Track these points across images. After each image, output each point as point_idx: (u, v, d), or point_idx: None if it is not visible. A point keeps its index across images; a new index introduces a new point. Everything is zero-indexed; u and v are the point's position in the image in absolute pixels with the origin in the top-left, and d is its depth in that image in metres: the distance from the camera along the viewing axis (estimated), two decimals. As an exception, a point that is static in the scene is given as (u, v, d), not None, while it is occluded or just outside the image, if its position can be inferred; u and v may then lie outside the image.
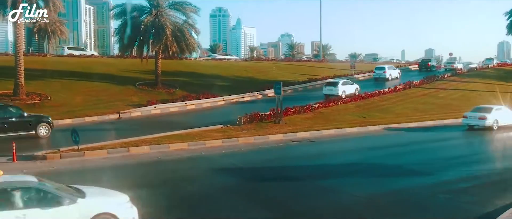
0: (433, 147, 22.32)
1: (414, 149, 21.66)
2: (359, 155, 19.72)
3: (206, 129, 24.10)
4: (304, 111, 29.46)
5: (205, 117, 30.61)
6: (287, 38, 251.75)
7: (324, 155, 19.88)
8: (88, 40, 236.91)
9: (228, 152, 19.67)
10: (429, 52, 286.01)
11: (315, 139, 23.01)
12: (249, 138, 22.30)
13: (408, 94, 39.14)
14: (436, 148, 22.22)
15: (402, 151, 21.01)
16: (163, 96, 35.64)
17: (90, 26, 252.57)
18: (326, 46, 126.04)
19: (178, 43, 37.93)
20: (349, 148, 21.71)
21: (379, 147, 21.67)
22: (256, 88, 40.58)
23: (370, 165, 17.41)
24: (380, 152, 20.30)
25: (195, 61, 57.89)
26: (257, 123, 25.75)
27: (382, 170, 16.69)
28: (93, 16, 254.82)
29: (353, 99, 34.35)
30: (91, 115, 29.05)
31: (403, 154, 20.33)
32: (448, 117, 31.00)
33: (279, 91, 26.04)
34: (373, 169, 16.87)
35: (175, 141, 20.70)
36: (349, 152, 20.55)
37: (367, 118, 28.98)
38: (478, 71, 59.49)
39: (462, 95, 41.02)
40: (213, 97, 36.29)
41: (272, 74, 51.51)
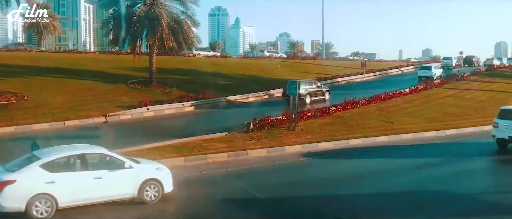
0: (496, 164, 18.01)
1: (476, 168, 17.15)
2: (408, 176, 15.47)
3: (207, 138, 19.89)
4: (321, 114, 25.29)
5: (205, 121, 26.54)
6: (286, 37, 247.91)
7: (363, 176, 15.34)
8: (87, 38, 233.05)
9: (236, 170, 15.44)
10: (427, 52, 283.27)
11: (341, 151, 18.81)
12: (261, 150, 18.09)
13: (431, 96, 35.03)
14: (503, 165, 17.96)
15: (462, 171, 16.45)
16: (157, 97, 31.44)
17: (90, 25, 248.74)
18: (328, 44, 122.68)
19: (175, 36, 33.67)
20: (389, 165, 17.18)
21: (428, 164, 17.16)
22: (260, 87, 36.45)
23: (430, 193, 12.98)
24: (433, 172, 15.90)
25: (195, 58, 53.60)
26: (268, 130, 21.56)
27: (452, 204, 12.16)
28: (92, 14, 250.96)
29: (374, 101, 30.18)
30: (73, 118, 24.85)
31: (466, 175, 15.79)
32: (487, 122, 26.74)
33: (295, 92, 21.77)
34: (438, 201, 12.35)
35: (169, 154, 16.51)
36: (393, 172, 16.04)
37: (394, 124, 24.79)
38: (496, 70, 55.67)
39: (490, 96, 36.95)
40: (214, 97, 32.10)
41: (277, 72, 47.39)
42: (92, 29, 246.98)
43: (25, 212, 10.08)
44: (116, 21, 33.86)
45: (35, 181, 10.33)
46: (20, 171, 10.43)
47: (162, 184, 11.62)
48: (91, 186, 10.81)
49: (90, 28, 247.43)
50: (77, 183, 10.74)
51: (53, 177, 10.48)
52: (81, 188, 10.73)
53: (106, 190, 10.98)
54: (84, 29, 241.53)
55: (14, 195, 10.05)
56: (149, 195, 11.42)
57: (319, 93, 33.17)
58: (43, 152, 11.45)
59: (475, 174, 15.87)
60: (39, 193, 10.19)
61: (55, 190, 10.35)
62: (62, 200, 10.40)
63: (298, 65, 57.16)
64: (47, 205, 10.25)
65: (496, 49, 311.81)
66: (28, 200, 10.08)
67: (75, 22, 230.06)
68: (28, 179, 10.33)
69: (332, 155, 18.36)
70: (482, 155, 19.18)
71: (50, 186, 10.34)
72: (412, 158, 18.43)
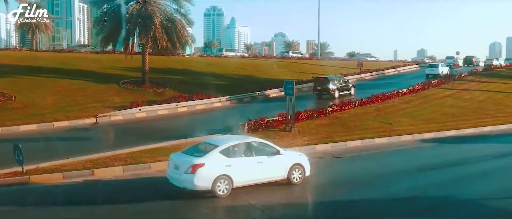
0: (502, 166, 17.33)
1: (480, 170, 16.32)
2: (411, 180, 14.76)
3: (201, 139, 19.15)
4: (318, 115, 24.64)
5: (199, 122, 25.79)
6: (281, 38, 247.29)
7: (364, 180, 14.60)
8: (81, 38, 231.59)
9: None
10: (421, 52, 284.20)
11: (340, 154, 18.11)
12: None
13: (429, 96, 34.44)
14: (507, 167, 17.33)
15: (466, 174, 15.68)
16: (150, 97, 30.69)
17: (84, 24, 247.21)
18: (324, 44, 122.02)
19: (168, 35, 32.91)
20: (391, 168, 16.48)
21: (430, 167, 16.38)
22: (255, 87, 35.75)
23: (436, 199, 12.30)
24: (436, 176, 15.15)
25: (189, 58, 52.88)
26: (264, 131, 20.86)
27: (460, 210, 11.53)
28: (87, 14, 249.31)
29: (371, 102, 29.59)
30: (62, 119, 24.10)
31: (471, 178, 15.01)
32: (486, 123, 26.34)
33: (291, 92, 21.03)
34: (446, 208, 11.67)
35: (160, 157, 15.76)
36: (395, 175, 15.32)
37: (393, 125, 24.18)
38: (493, 70, 55.17)
39: (488, 97, 36.44)
40: (208, 98, 31.39)
41: (273, 72, 46.72)
42: (86, 29, 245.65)
43: (210, 190, 11.91)
44: (107, 19, 33.05)
45: (217, 164, 12.16)
46: (205, 156, 12.25)
47: (304, 168, 13.65)
48: (256, 169, 12.76)
49: (85, 27, 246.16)
50: (246, 166, 12.64)
51: (230, 161, 12.36)
52: (249, 171, 12.64)
53: (266, 172, 13.00)
54: (78, 29, 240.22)
55: (203, 176, 11.82)
56: (295, 177, 13.41)
57: (346, 88, 35.16)
58: (216, 140, 13.60)
59: (478, 180, 15.16)
60: (221, 174, 12.04)
61: (232, 172, 12.20)
62: (236, 180, 12.29)
63: (294, 65, 56.50)
64: (226, 184, 12.10)
65: (490, 49, 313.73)
66: (213, 180, 11.90)
67: (69, 21, 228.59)
68: (213, 163, 12.13)
69: (330, 157, 17.63)
70: (487, 158, 18.56)
71: (228, 168, 12.19)
72: (413, 161, 17.82)
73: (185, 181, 11.91)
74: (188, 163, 11.96)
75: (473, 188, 13.61)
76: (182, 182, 12.01)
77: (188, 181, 11.82)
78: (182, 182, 12.00)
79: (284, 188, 13.22)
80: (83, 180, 13.40)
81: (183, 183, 12.00)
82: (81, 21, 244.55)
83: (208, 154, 12.30)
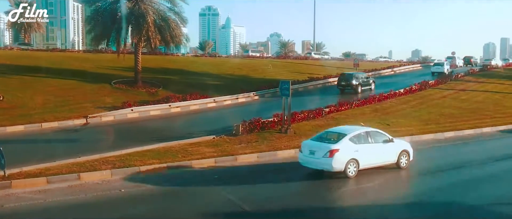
0: (507, 168, 16.82)
1: (489, 173, 15.78)
2: (417, 185, 14.31)
3: (193, 141, 18.59)
4: (314, 116, 24.08)
5: (192, 123, 25.19)
6: (276, 38, 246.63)
7: (365, 185, 13.95)
8: (76, 38, 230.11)
9: (224, 178, 14.11)
10: (416, 52, 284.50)
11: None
12: (251, 155, 16.75)
13: (426, 96, 34.00)
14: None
15: (474, 177, 15.09)
16: (143, 97, 30.03)
17: (78, 24, 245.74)
18: (319, 44, 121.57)
19: (162, 34, 32.33)
20: None
21: (434, 170, 15.94)
22: (251, 88, 35.13)
23: (449, 206, 11.70)
24: (442, 180, 14.73)
25: (183, 57, 52.20)
26: (259, 133, 20.29)
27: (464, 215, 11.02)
28: (81, 13, 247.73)
29: (368, 102, 29.09)
30: (51, 119, 23.37)
31: (481, 182, 14.42)
32: (484, 124, 25.83)
33: (287, 92, 20.38)
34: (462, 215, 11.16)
35: (150, 160, 15.13)
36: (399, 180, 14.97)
37: (391, 126, 23.62)
38: (489, 71, 54.93)
39: (486, 97, 36.07)
40: (202, 98, 30.72)
41: (268, 72, 46.16)
42: (81, 28, 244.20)
43: (343, 172, 13.88)
44: (99, 17, 32.32)
45: (348, 150, 14.03)
46: (339, 143, 14.11)
47: (410, 154, 15.55)
48: (375, 154, 14.73)
49: (79, 27, 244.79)
50: (368, 151, 14.51)
51: (357, 147, 14.25)
52: (371, 155, 14.56)
53: (382, 157, 15.02)
54: (73, 28, 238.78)
55: (339, 159, 13.75)
56: (402, 162, 15.37)
57: (367, 84, 37.80)
58: (343, 129, 15.46)
59: (487, 183, 14.60)
60: (351, 158, 13.97)
61: (358, 156, 14.10)
62: (361, 164, 14.19)
63: (290, 65, 56.01)
64: (354, 167, 14.06)
65: (485, 50, 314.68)
66: (345, 163, 13.86)
67: (64, 21, 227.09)
68: (345, 149, 13.99)
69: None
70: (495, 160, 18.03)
71: (356, 153, 14.09)
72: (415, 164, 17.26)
73: (323, 164, 13.91)
74: (325, 149, 13.91)
75: (482, 193, 13.04)
76: (320, 164, 14.04)
77: (327, 163, 13.79)
78: (320, 164, 14.03)
79: (393, 171, 15.33)
80: (67, 185, 12.69)
81: (321, 165, 14.04)
82: (75, 20, 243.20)
83: (340, 141, 14.18)
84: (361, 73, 39.75)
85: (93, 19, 33.13)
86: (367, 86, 37.22)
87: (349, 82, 36.38)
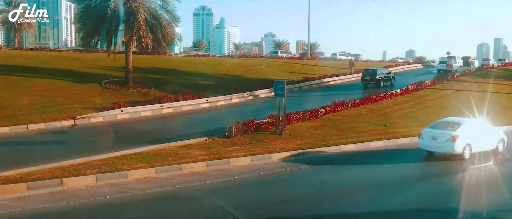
0: None
1: None
2: (417, 189, 13.50)
3: (184, 144, 17.82)
4: (310, 117, 23.41)
5: (185, 124, 24.39)
6: (270, 38, 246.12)
7: (363, 189, 13.16)
8: (68, 37, 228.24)
9: (216, 183, 13.32)
10: (410, 53, 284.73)
11: (334, 159, 16.81)
12: (244, 158, 16.01)
13: (423, 97, 33.44)
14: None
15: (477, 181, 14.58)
16: (134, 97, 29.21)
17: (71, 23, 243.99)
18: (314, 44, 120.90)
19: (153, 33, 31.47)
20: (391, 175, 15.16)
21: (437, 173, 15.43)
22: (245, 88, 34.40)
23: (447, 212, 11.16)
24: (445, 185, 14.05)
25: (176, 57, 51.36)
26: (253, 134, 19.56)
27: None
28: (74, 13, 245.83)
29: (364, 102, 28.48)
30: (37, 121, 22.51)
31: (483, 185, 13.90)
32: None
33: (282, 93, 19.68)
34: None
35: (138, 164, 14.35)
36: (397, 184, 14.00)
37: (389, 127, 23.02)
38: (485, 71, 54.58)
39: (482, 97, 35.48)
40: (195, 98, 29.94)
41: (263, 72, 45.46)
42: (74, 28, 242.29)
43: (460, 154, 16.52)
44: (88, 15, 31.41)
45: (465, 136, 16.56)
46: (458, 130, 16.64)
47: (505, 141, 18.27)
48: (483, 140, 17.21)
49: (72, 26, 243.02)
50: (479, 138, 17.01)
51: (471, 134, 16.75)
52: (480, 141, 17.05)
53: (487, 143, 17.60)
54: (65, 28, 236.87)
55: (459, 144, 16.39)
56: (499, 148, 18.06)
57: (388, 79, 40.23)
58: (457, 119, 17.97)
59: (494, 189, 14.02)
60: (467, 143, 16.58)
61: (472, 141, 16.69)
62: (473, 148, 16.82)
63: (284, 65, 55.34)
64: (469, 150, 16.70)
65: (478, 50, 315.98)
66: (463, 147, 16.50)
67: (56, 21, 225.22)
68: (463, 135, 16.54)
69: (324, 162, 16.33)
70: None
71: (470, 139, 16.65)
72: (416, 167, 16.61)
73: (446, 148, 16.53)
74: (447, 135, 16.53)
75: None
76: (443, 148, 16.69)
77: (449, 147, 16.42)
78: (443, 148, 16.66)
79: (493, 154, 17.54)
80: (48, 192, 11.89)
81: (443, 149, 16.69)
82: (68, 20, 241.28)
83: (459, 129, 16.66)
84: (383, 69, 43.17)
85: (83, 17, 32.23)
86: (388, 82, 39.60)
87: (373, 77, 38.63)
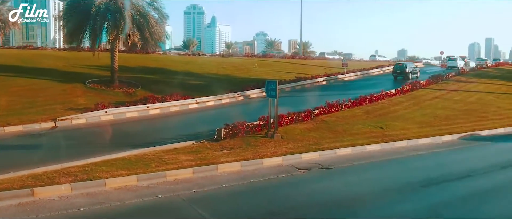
0: None
1: (498, 183, 14.30)
2: (417, 199, 12.37)
3: (170, 148, 16.71)
4: (303, 118, 22.41)
5: (172, 126, 23.32)
6: (262, 37, 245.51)
7: (361, 200, 11.98)
8: (57, 36, 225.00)
9: (202, 192, 12.19)
10: (402, 52, 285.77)
11: (329, 164, 15.74)
12: (233, 163, 14.91)
13: (418, 97, 32.60)
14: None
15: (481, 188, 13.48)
16: (119, 98, 28.02)
17: (59, 22, 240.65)
18: (306, 43, 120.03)
19: (140, 31, 30.31)
20: (390, 182, 14.09)
21: (437, 180, 13.97)
22: (236, 88, 33.34)
23: None
24: (446, 192, 12.94)
25: (165, 56, 50.13)
26: (243, 138, 18.49)
27: None
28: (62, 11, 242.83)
29: (359, 103, 27.55)
30: (15, 123, 21.24)
31: (487, 194, 12.83)
32: (482, 126, 24.47)
33: (274, 93, 18.60)
34: None
35: (118, 171, 13.19)
36: (396, 193, 12.87)
37: (385, 129, 22.07)
38: (479, 70, 54.12)
39: (479, 98, 34.78)
40: (183, 99, 28.83)
41: (254, 72, 44.42)
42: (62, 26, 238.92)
43: None
44: (73, 13, 30.16)
45: None
46: None
47: None
48: None
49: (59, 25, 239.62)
50: None
51: None
52: None
53: None
54: (53, 26, 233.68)
55: None
56: None
57: (415, 72, 45.66)
58: None
59: (497, 198, 13.05)
60: None
61: None
62: None
63: (276, 65, 54.37)
64: None
65: (470, 50, 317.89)
66: None
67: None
68: None
69: (319, 169, 15.29)
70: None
71: None
72: (415, 173, 15.65)
73: None
74: None
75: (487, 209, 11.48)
76: None
77: None
78: None
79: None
80: (17, 203, 10.73)
81: None
82: (56, 18, 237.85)
83: None
84: (411, 64, 49.89)
85: (67, 14, 31.00)
86: (414, 75, 44.57)
87: (403, 70, 44.31)
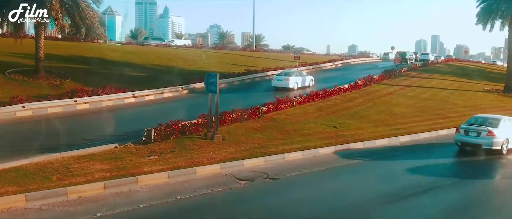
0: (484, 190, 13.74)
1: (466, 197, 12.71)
2: None
3: (85, 153, 13.82)
4: (249, 116, 20.04)
5: (98, 124, 20.18)
6: (216, 29, 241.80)
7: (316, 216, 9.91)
8: None
9: (110, 216, 9.51)
10: (353, 48, 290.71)
11: (276, 173, 13.35)
12: (159, 174, 12.21)
13: (372, 93, 31.10)
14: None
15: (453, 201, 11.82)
16: (43, 90, 24.56)
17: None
18: (259, 36, 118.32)
19: (70, 16, 26.88)
20: (347, 196, 11.87)
21: (401, 195, 11.94)
22: (181, 80, 30.52)
23: None
24: (416, 210, 11.00)
25: (106, 45, 46.25)
26: (178, 139, 15.87)
27: None
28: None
29: (311, 99, 25.56)
30: None
31: None
32: (440, 125, 23.13)
33: (214, 88, 16.07)
34: None
35: (5, 187, 10.23)
36: (356, 209, 10.69)
37: (338, 128, 20.11)
38: (431, 66, 53.99)
39: (433, 94, 33.90)
40: (119, 92, 25.80)
41: (201, 64, 41.61)
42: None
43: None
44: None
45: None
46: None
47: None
48: None
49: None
50: None
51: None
52: None
53: None
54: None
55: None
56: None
57: (412, 59, 56.15)
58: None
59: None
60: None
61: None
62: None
63: (227, 57, 51.86)
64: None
65: (416, 46, 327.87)
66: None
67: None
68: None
69: (263, 179, 12.91)
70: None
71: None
72: (375, 183, 13.62)
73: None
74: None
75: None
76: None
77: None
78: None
79: None
80: None
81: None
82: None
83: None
84: (411, 53, 60.87)
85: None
86: (411, 61, 53.00)
87: (404, 58, 52.95)
